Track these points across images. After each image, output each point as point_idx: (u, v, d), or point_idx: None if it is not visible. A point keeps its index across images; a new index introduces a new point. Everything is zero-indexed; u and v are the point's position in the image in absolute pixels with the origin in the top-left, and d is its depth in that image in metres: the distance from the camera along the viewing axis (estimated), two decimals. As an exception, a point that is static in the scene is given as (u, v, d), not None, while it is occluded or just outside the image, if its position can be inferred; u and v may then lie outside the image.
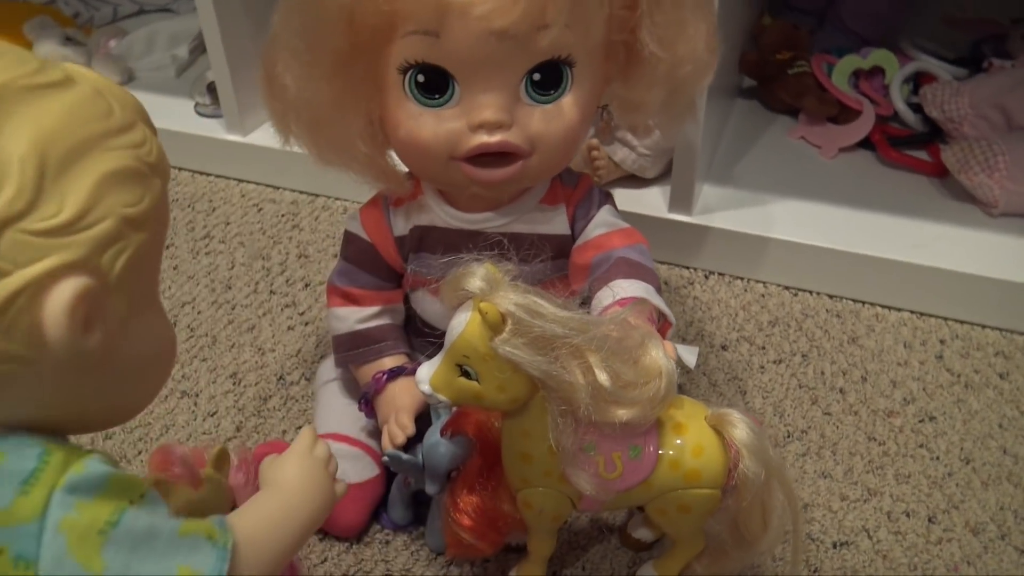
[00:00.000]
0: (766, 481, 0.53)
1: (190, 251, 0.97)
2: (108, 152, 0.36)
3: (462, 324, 0.48)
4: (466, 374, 0.49)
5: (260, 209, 1.03)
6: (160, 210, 0.39)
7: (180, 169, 1.10)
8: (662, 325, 0.60)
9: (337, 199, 1.04)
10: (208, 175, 1.09)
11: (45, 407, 0.37)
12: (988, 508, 0.68)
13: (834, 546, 0.65)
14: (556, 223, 0.64)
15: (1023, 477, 0.70)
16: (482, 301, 0.47)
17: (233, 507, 0.58)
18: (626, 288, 0.59)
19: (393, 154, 0.62)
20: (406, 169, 0.63)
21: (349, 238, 0.67)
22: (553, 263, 0.63)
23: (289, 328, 0.86)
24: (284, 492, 0.46)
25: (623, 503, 0.56)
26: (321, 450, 0.49)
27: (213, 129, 1.07)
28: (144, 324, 0.40)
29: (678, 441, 0.54)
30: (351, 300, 0.66)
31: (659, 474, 0.53)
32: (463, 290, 0.48)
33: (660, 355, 0.49)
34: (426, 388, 0.51)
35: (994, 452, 0.72)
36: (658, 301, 0.59)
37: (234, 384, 0.80)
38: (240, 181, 1.08)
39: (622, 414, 0.49)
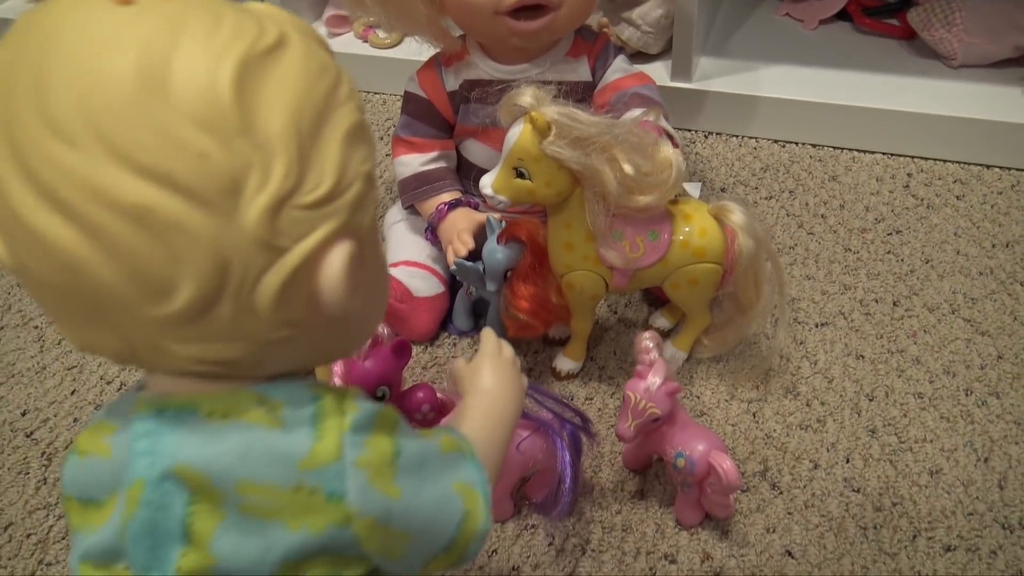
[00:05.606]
0: (756, 252, 0.68)
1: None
2: (339, 111, 0.35)
3: (517, 134, 0.63)
4: (520, 175, 0.64)
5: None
6: None
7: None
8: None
9: (376, 93, 1.17)
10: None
11: (298, 360, 0.39)
12: (943, 293, 0.83)
13: (816, 326, 0.80)
14: (580, 72, 0.78)
15: (972, 270, 0.85)
16: (532, 112, 0.61)
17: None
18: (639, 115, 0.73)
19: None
20: (458, 33, 0.77)
21: (409, 97, 0.81)
22: (577, 105, 0.77)
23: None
24: (489, 396, 0.48)
25: (646, 281, 0.71)
26: (508, 350, 0.52)
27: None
28: (378, 273, 0.41)
29: (686, 228, 0.68)
30: (414, 148, 0.81)
31: (673, 253, 0.68)
32: (516, 105, 0.62)
33: (670, 150, 0.64)
34: (489, 191, 0.65)
35: (949, 253, 0.87)
36: (665, 124, 0.73)
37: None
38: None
39: (641, 200, 0.64)
